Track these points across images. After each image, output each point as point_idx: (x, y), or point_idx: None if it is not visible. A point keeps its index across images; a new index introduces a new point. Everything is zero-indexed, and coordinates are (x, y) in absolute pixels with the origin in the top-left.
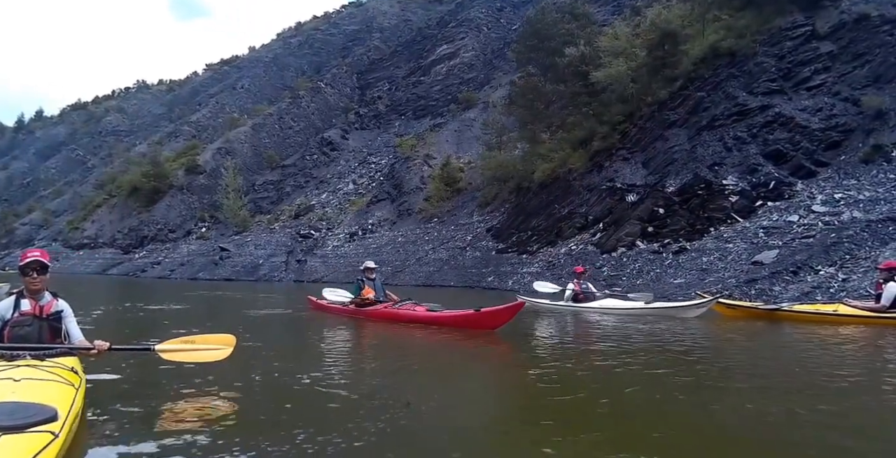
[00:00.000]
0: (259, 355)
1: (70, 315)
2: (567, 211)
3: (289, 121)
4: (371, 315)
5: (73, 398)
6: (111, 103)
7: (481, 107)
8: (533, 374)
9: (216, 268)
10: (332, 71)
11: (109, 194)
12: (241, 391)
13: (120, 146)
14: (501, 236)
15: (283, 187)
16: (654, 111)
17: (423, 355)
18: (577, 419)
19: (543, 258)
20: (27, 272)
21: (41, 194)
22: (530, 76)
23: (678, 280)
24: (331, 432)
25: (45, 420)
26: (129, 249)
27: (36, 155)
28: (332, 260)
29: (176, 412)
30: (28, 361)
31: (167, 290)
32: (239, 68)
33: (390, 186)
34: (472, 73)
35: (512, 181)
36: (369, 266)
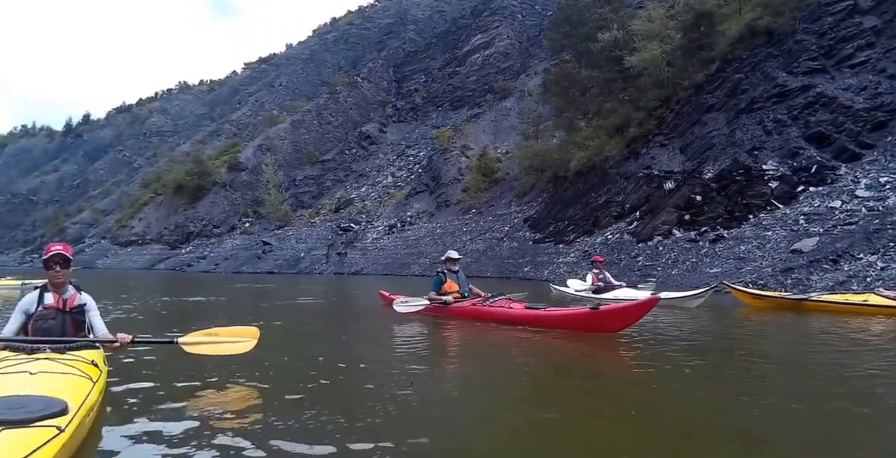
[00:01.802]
0: (292, 346)
1: (93, 308)
2: (603, 200)
3: (327, 116)
4: (456, 314)
5: (89, 391)
6: (154, 105)
7: (518, 96)
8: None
9: (259, 262)
10: (368, 65)
11: (155, 193)
12: (267, 385)
13: (164, 146)
14: (538, 225)
15: (324, 182)
16: (691, 95)
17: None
18: (600, 413)
19: (580, 248)
20: (50, 266)
21: (90, 195)
22: (564, 63)
23: (714, 269)
24: (364, 435)
25: (53, 415)
26: (175, 244)
27: (84, 157)
28: (371, 252)
29: (196, 407)
30: (48, 354)
31: (211, 283)
32: (277, 66)
33: (428, 178)
34: (507, 62)
35: (549, 171)
36: (451, 257)
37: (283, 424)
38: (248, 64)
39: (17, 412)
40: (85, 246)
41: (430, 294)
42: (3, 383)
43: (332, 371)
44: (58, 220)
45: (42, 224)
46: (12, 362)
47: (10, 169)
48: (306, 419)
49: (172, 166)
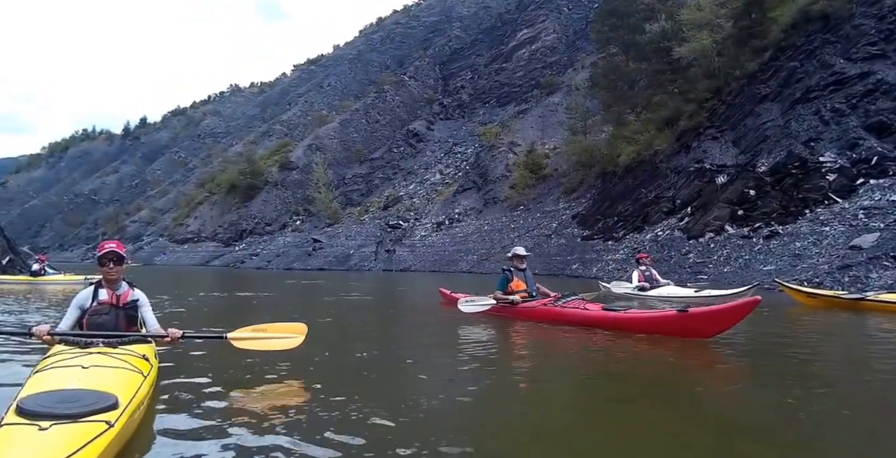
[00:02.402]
0: (340, 342)
1: (146, 304)
2: (653, 195)
3: (375, 115)
4: (524, 314)
5: (139, 385)
6: (208, 107)
7: (565, 90)
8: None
9: (309, 258)
10: (414, 63)
11: (210, 192)
12: (312, 379)
13: (217, 147)
14: (587, 222)
15: (372, 180)
16: (744, 85)
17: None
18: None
19: (629, 245)
20: (104, 263)
21: (148, 194)
22: (611, 56)
23: (768, 267)
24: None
25: (104, 409)
26: (229, 242)
27: (142, 159)
28: (419, 249)
29: (243, 402)
30: (101, 348)
31: (263, 280)
32: (325, 67)
33: (476, 174)
34: (554, 56)
35: (597, 166)
36: (518, 253)
37: (326, 419)
38: (297, 66)
39: (69, 406)
40: (143, 244)
41: (495, 293)
42: (57, 376)
43: (380, 368)
44: (118, 218)
45: (103, 222)
46: (67, 356)
47: (73, 171)
48: (349, 415)
49: (226, 166)
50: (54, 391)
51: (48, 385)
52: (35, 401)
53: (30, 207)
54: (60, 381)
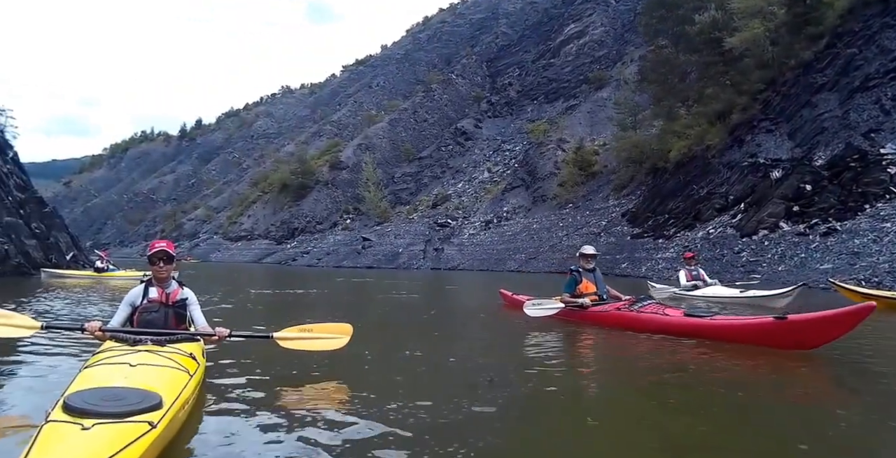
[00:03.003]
0: (386, 341)
1: (194, 302)
2: (705, 191)
3: (423, 114)
4: (594, 319)
5: (185, 384)
6: (260, 109)
7: (614, 85)
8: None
9: (359, 256)
10: (461, 61)
11: (262, 191)
12: (363, 381)
13: (270, 147)
14: (637, 220)
15: (421, 179)
16: (799, 75)
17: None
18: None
19: (679, 243)
20: (154, 261)
21: (204, 193)
22: (661, 49)
23: (825, 265)
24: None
25: (148, 409)
26: (281, 240)
27: (198, 159)
28: (468, 248)
29: (286, 401)
30: (149, 346)
31: (313, 277)
32: (373, 67)
33: (524, 172)
34: (602, 50)
35: (647, 162)
36: (587, 252)
37: (368, 420)
38: (346, 66)
39: (114, 404)
40: (199, 241)
41: (562, 296)
42: (105, 373)
43: (428, 369)
44: (175, 216)
45: (161, 220)
46: (116, 353)
47: (133, 171)
48: (392, 416)
49: (278, 166)
50: (101, 388)
51: (95, 382)
52: (81, 398)
53: (92, 206)
54: (107, 378)
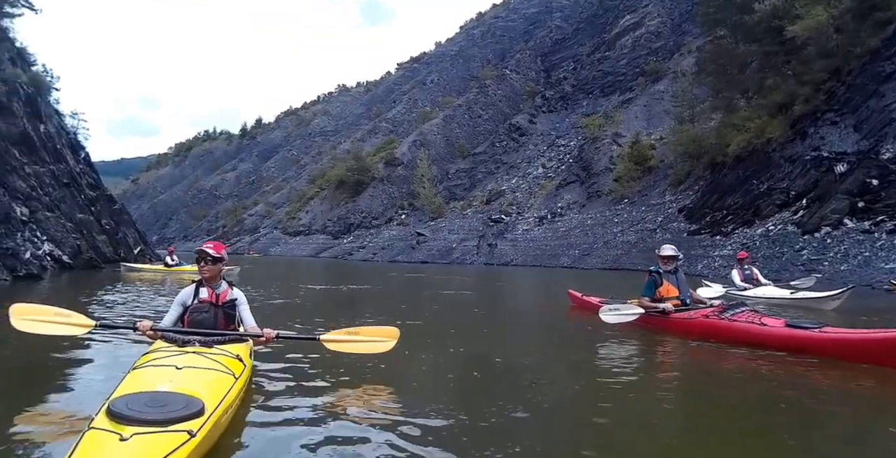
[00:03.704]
0: (437, 340)
1: (244, 303)
2: (765, 187)
3: (477, 110)
4: (677, 327)
5: (229, 388)
6: (317, 107)
7: (671, 77)
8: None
9: (413, 251)
10: (515, 57)
11: (320, 188)
12: (403, 379)
13: (327, 145)
14: (694, 216)
15: (475, 174)
16: (865, 64)
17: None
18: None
19: (737, 240)
20: (198, 261)
21: (264, 190)
22: (719, 39)
23: (890, 264)
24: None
25: (189, 416)
26: (337, 235)
27: (258, 157)
28: (521, 244)
29: (335, 405)
30: (196, 348)
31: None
32: (427, 64)
33: (579, 168)
34: (659, 41)
35: (706, 156)
36: (668, 254)
37: (407, 423)
38: (400, 64)
39: (156, 411)
40: (260, 235)
41: (641, 300)
42: (151, 376)
43: (480, 371)
44: (236, 212)
45: (223, 215)
46: (164, 355)
47: (196, 169)
48: (433, 417)
49: (335, 163)
50: (145, 393)
51: (140, 386)
52: (125, 403)
53: (158, 202)
54: (153, 381)
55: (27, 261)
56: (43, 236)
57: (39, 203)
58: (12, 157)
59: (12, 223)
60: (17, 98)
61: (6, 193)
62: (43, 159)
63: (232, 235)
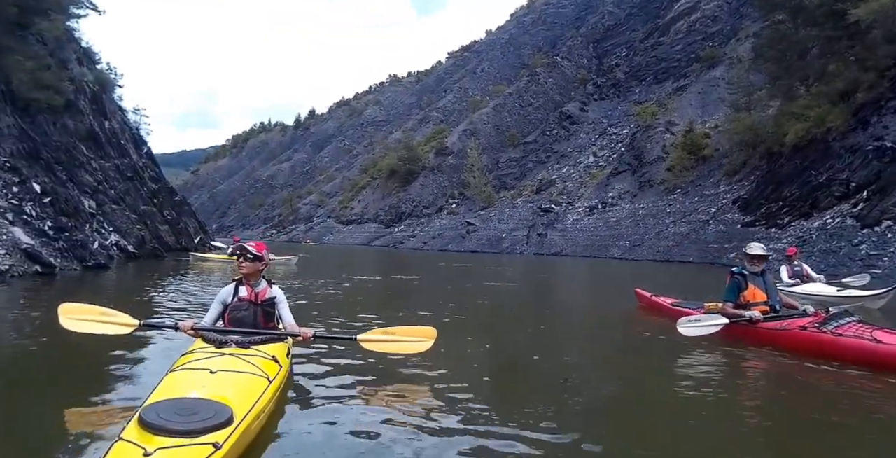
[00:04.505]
0: (482, 334)
1: (283, 301)
2: (824, 178)
3: (528, 98)
4: (769, 340)
5: (262, 393)
6: (369, 98)
7: (727, 63)
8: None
9: (463, 241)
10: (567, 44)
11: (372, 177)
12: (444, 375)
13: (378, 135)
14: (749, 207)
15: (525, 164)
16: None
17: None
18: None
19: (793, 233)
20: (238, 257)
21: (317, 179)
22: (778, 24)
23: None
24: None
25: (217, 426)
26: (389, 223)
27: (312, 147)
28: (571, 234)
29: (365, 404)
30: (233, 349)
31: (418, 261)
32: (478, 53)
33: (631, 156)
34: (715, 26)
35: (762, 146)
36: (755, 252)
37: (454, 427)
38: (451, 53)
39: (185, 421)
40: (314, 224)
41: (723, 306)
42: (185, 381)
43: (528, 372)
44: (291, 201)
45: (279, 204)
46: (201, 356)
47: (253, 159)
48: (464, 417)
49: (386, 153)
50: (176, 400)
51: (173, 391)
52: (156, 411)
53: (217, 192)
54: (186, 387)
55: (95, 251)
56: (109, 228)
57: (106, 196)
58: (80, 153)
59: (81, 216)
60: (84, 96)
61: (75, 187)
62: (108, 154)
63: (287, 223)
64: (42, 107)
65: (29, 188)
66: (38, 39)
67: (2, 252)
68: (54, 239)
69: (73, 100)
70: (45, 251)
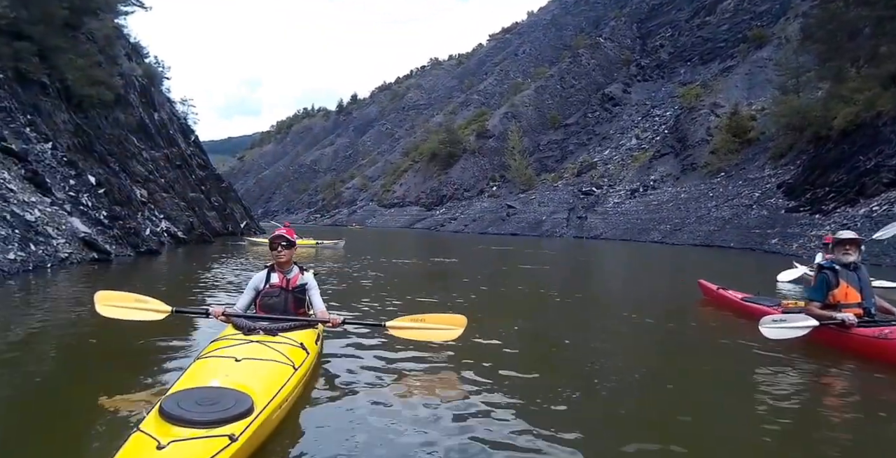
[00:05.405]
0: (511, 321)
1: (314, 287)
2: (873, 163)
3: (570, 80)
4: (865, 348)
5: (285, 381)
6: (410, 82)
7: (776, 44)
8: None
9: (503, 223)
10: (610, 24)
11: (413, 161)
12: (471, 363)
13: (420, 118)
14: (793, 192)
15: (567, 146)
16: None
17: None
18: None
19: (837, 220)
20: (274, 247)
21: (360, 163)
22: (828, 3)
23: None
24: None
25: (236, 416)
26: (430, 206)
27: (354, 131)
28: (612, 217)
29: (393, 394)
30: (260, 336)
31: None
32: (519, 34)
33: (674, 139)
34: (764, 5)
35: (809, 129)
36: (846, 237)
37: (474, 418)
38: (492, 35)
39: (204, 411)
40: (357, 208)
41: (808, 305)
42: (210, 369)
43: (557, 364)
44: (335, 186)
45: (322, 189)
46: (228, 343)
47: (297, 145)
48: (508, 406)
49: (427, 136)
50: (198, 389)
51: (196, 380)
52: (176, 401)
53: (262, 178)
54: (209, 375)
55: (147, 238)
56: (160, 215)
57: (156, 185)
58: (132, 144)
59: (134, 204)
60: (134, 90)
61: (127, 177)
62: (158, 144)
63: (331, 207)
64: (94, 102)
65: (85, 180)
66: (88, 38)
67: (62, 241)
68: (109, 227)
69: (124, 94)
70: (101, 239)
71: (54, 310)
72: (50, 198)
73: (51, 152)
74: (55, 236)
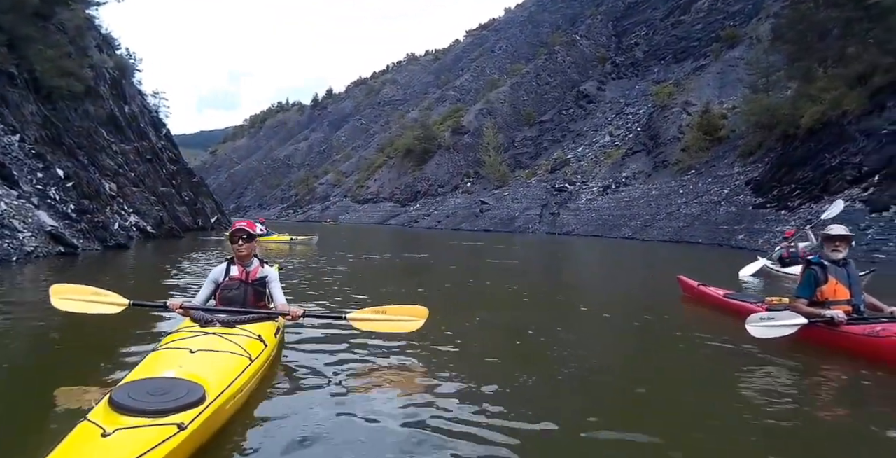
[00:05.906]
0: (480, 315)
1: (274, 280)
2: (837, 161)
3: (545, 77)
4: (855, 347)
5: (240, 373)
6: (386, 77)
7: (747, 44)
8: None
9: (477, 220)
10: (586, 22)
11: (388, 156)
12: (437, 364)
13: (395, 114)
14: (761, 189)
15: (541, 142)
16: None
17: None
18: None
19: (802, 216)
20: (234, 240)
21: (334, 159)
22: (798, 4)
23: None
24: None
25: (186, 406)
26: (404, 202)
27: (329, 126)
28: (584, 213)
29: (359, 389)
30: (217, 328)
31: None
32: (496, 31)
33: (646, 136)
34: (737, 5)
35: (778, 128)
36: (835, 233)
37: (438, 414)
38: (469, 31)
39: (155, 400)
40: (330, 203)
41: (796, 303)
42: (164, 361)
43: (522, 356)
44: (308, 181)
45: (296, 184)
46: (184, 336)
47: (270, 139)
48: (448, 405)
49: (402, 132)
50: (150, 380)
51: (149, 371)
52: (127, 391)
53: (235, 172)
54: (162, 366)
55: (115, 232)
56: (129, 209)
57: (126, 179)
58: (101, 137)
59: (102, 198)
60: (104, 82)
61: (97, 170)
62: (128, 138)
63: (304, 203)
64: (63, 94)
65: (52, 173)
66: (58, 28)
67: (28, 235)
68: (77, 221)
69: (94, 86)
70: (69, 233)
71: (16, 303)
72: (17, 191)
73: (18, 145)
74: (21, 230)
